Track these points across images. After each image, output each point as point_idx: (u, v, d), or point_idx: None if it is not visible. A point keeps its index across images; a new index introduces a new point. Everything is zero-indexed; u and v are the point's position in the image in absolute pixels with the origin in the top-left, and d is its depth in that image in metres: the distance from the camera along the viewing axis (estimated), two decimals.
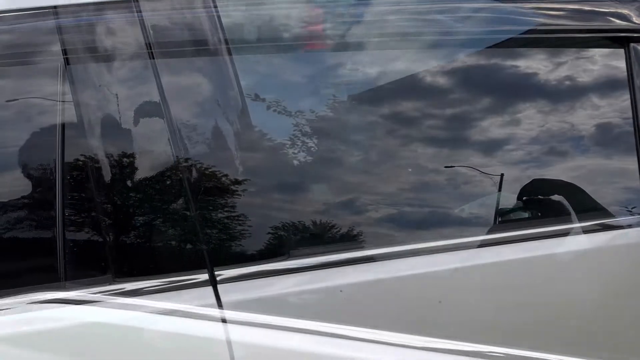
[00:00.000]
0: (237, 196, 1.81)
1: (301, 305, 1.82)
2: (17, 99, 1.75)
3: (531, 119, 2.11)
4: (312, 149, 2.16)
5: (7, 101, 1.76)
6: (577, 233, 2.03)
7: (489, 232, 2.06)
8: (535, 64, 2.13)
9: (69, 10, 1.78)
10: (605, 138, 2.05)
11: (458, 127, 2.25)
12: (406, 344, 1.87)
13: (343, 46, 2.22)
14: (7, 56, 1.76)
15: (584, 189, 2.15)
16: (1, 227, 1.73)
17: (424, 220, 2.21)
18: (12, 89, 1.77)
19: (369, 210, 2.19)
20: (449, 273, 1.93)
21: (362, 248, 1.93)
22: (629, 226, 2.07)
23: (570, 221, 2.06)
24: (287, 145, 2.13)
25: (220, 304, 1.75)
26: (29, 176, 1.74)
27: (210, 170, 1.78)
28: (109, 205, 1.72)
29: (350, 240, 2.07)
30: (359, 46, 2.22)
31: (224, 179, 1.80)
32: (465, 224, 2.25)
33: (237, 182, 1.80)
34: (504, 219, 2.27)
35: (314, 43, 2.29)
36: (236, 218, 1.82)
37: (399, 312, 1.89)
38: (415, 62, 2.28)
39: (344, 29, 2.31)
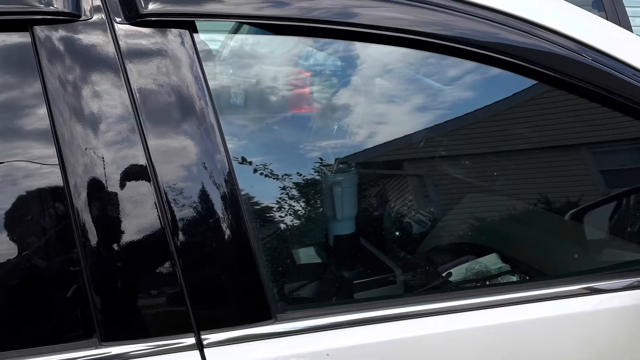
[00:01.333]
0: (221, 260, 1.80)
1: None
2: None
3: None
4: (299, 212, 2.16)
5: None
6: (564, 297, 2.03)
7: (474, 296, 2.05)
8: None
9: None
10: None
11: None
12: None
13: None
14: None
15: None
16: None
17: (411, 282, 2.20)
18: None
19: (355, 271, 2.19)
20: (437, 337, 1.93)
21: (348, 311, 1.92)
22: (616, 290, 2.07)
23: (557, 285, 2.06)
24: (274, 209, 2.13)
25: None
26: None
27: (196, 233, 1.77)
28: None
29: (337, 302, 2.06)
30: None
31: (210, 242, 1.79)
32: (452, 287, 2.25)
33: (221, 244, 1.80)
34: (490, 282, 2.27)
35: (300, 107, 2.31)
36: (222, 280, 1.81)
37: None
38: None
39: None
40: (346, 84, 2.48)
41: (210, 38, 2.24)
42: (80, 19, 1.75)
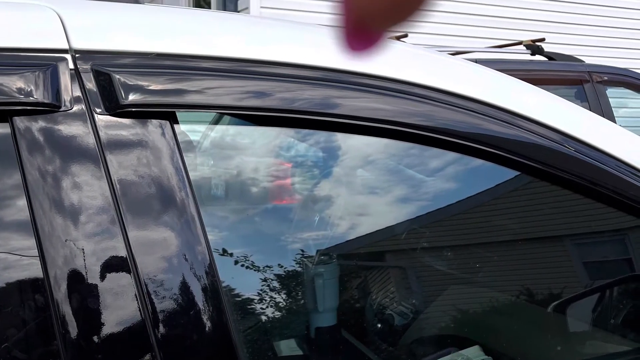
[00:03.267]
0: (202, 352, 1.78)
1: None
2: None
3: None
4: (280, 303, 2.15)
5: None
6: None
7: None
8: None
9: None
10: None
11: None
12: None
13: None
14: None
15: None
16: None
17: None
18: None
19: None
20: None
21: None
22: None
23: None
24: (255, 301, 2.12)
25: None
26: None
27: (177, 325, 1.75)
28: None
29: None
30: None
31: (191, 335, 1.76)
32: None
33: (203, 336, 1.78)
34: None
35: (282, 198, 2.30)
36: None
37: None
38: None
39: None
40: (328, 175, 2.48)
41: (191, 129, 2.24)
42: (60, 109, 1.74)
